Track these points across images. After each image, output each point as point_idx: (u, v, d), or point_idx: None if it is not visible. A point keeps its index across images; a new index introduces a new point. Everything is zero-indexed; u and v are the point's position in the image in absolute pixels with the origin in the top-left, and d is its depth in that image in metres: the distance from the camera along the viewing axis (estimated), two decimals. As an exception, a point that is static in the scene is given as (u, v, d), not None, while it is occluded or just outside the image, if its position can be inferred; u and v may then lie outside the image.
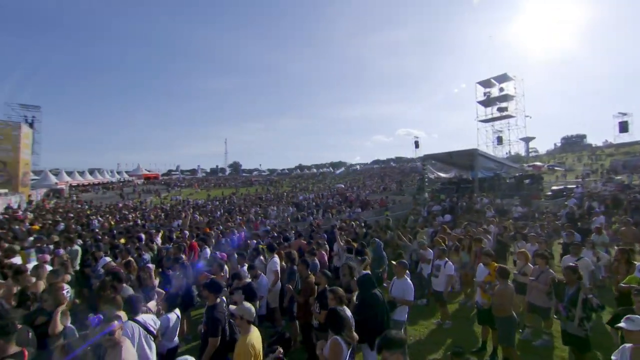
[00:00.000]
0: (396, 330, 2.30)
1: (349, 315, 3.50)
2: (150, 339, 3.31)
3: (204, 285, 3.69)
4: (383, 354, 2.20)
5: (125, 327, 3.15)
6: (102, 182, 48.54)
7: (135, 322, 3.28)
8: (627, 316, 2.74)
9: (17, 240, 8.20)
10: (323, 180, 55.45)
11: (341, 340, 3.07)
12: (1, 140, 26.64)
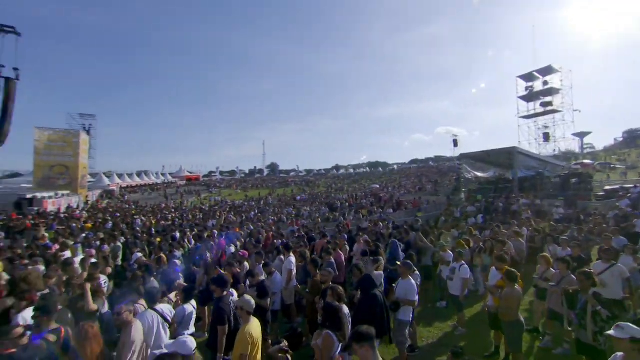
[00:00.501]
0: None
1: (346, 312, 3.72)
2: (166, 325, 3.78)
3: (212, 280, 4.10)
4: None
5: (145, 314, 3.65)
6: (148, 183, 52.24)
7: (153, 311, 3.77)
8: (617, 324, 2.68)
9: (72, 236, 9.37)
10: (359, 180, 55.33)
11: (333, 334, 3.31)
12: (64, 146, 29.87)
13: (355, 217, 17.55)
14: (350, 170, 79.67)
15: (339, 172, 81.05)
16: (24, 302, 3.68)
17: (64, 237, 8.57)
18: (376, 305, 3.86)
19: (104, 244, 8.20)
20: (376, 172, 69.63)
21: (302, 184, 56.15)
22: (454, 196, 19.59)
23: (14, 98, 19.93)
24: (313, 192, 41.01)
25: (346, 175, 68.44)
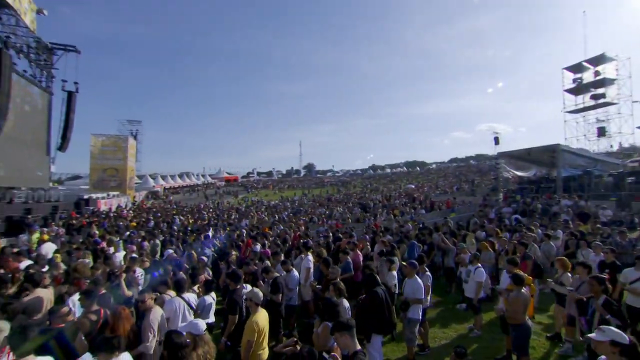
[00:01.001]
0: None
1: (346, 306, 4.03)
2: (190, 311, 4.33)
3: (226, 275, 4.60)
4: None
5: (173, 300, 4.23)
6: (189, 184, 55.33)
7: (181, 298, 4.35)
8: (599, 327, 2.73)
9: (117, 233, 10.53)
10: (395, 180, 54.62)
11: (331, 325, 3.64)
12: (115, 151, 32.88)
13: (387, 218, 17.56)
14: (387, 170, 78.72)
15: (375, 172, 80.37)
16: (74, 288, 4.42)
17: (110, 235, 9.69)
18: (376, 303, 4.11)
19: (144, 241, 9.16)
20: (413, 171, 68.27)
21: (337, 184, 56.53)
22: (491, 196, 18.86)
23: (74, 109, 22.47)
24: (348, 193, 41.19)
25: (382, 175, 67.88)
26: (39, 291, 4.22)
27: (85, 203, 21.80)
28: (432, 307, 7.29)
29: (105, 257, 6.00)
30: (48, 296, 4.26)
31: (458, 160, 78.03)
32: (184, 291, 4.48)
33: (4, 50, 15.30)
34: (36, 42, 19.21)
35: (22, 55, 18.27)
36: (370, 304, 4.15)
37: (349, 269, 6.36)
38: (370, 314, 4.09)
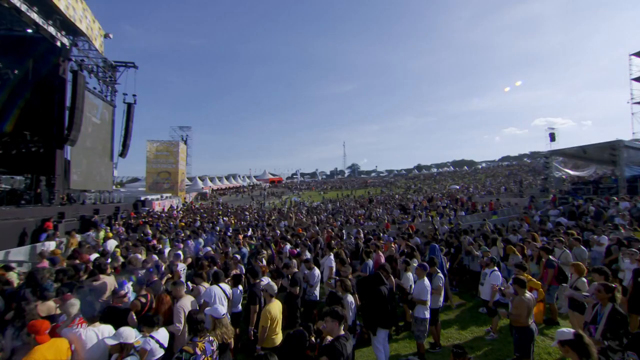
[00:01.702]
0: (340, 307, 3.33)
1: (350, 301, 4.58)
2: (225, 299, 5.15)
3: (247, 270, 5.37)
4: (326, 319, 3.31)
5: (211, 288, 5.04)
6: (235, 186, 58.45)
7: (218, 287, 5.18)
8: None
9: (167, 233, 11.97)
10: (441, 180, 53.03)
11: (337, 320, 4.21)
12: (168, 155, 36.15)
13: (425, 220, 17.56)
14: (433, 169, 76.52)
15: (420, 172, 78.54)
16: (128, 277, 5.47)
17: (161, 234, 11.11)
18: (377, 300, 4.60)
19: (189, 239, 10.38)
20: (460, 171, 65.57)
21: (380, 185, 56.26)
22: (540, 198, 17.90)
23: (133, 118, 25.33)
24: (390, 194, 40.99)
25: (427, 176, 66.23)
26: (104, 278, 5.32)
27: (142, 204, 24.41)
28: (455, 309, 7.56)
29: (158, 253, 7.15)
30: (111, 282, 5.35)
31: (510, 158, 73.60)
32: (220, 282, 5.32)
33: (79, 72, 17.91)
34: (103, 61, 22.04)
35: (93, 74, 21.06)
36: (374, 301, 4.65)
37: (365, 270, 6.85)
38: (373, 310, 4.60)
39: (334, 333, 3.19)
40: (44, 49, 17.46)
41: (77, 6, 17.40)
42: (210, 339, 3.43)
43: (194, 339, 3.33)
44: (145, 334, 3.46)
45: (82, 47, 20.13)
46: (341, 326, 3.24)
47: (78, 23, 17.62)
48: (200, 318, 3.35)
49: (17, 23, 15.80)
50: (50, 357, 2.93)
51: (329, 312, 3.32)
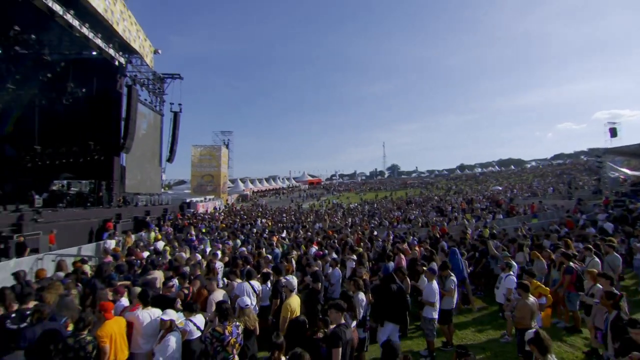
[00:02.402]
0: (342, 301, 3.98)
1: (360, 298, 5.18)
2: (254, 294, 5.98)
3: (272, 268, 6.17)
4: (330, 310, 3.97)
5: (242, 284, 5.89)
6: (275, 188, 60.46)
7: (248, 283, 6.03)
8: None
9: (208, 234, 13.26)
10: (484, 181, 51.02)
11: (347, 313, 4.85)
12: (211, 159, 38.65)
13: (461, 223, 17.45)
14: (477, 169, 73.40)
15: (462, 172, 75.73)
16: (174, 272, 6.52)
17: (203, 234, 12.39)
18: (387, 297, 5.17)
19: (229, 240, 11.51)
20: (505, 171, 62.25)
21: (420, 186, 55.35)
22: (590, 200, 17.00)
23: (179, 126, 27.59)
24: (429, 195, 40.36)
25: (470, 176, 63.81)
26: (155, 272, 6.40)
27: (187, 206, 26.50)
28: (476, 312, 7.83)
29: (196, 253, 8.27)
30: (161, 276, 6.42)
31: (564, 156, 68.25)
32: (251, 279, 6.17)
33: (133, 87, 20.13)
34: (153, 75, 24.36)
35: (144, 87, 23.39)
36: (385, 299, 5.23)
37: (385, 271, 7.37)
38: (381, 305, 5.19)
39: (337, 322, 3.85)
40: (105, 68, 19.83)
41: (132, 28, 19.56)
42: (237, 324, 4.24)
43: (223, 322, 4.16)
44: (187, 317, 4.35)
45: (135, 63, 22.47)
46: (342, 316, 3.89)
47: (132, 43, 19.79)
48: (226, 307, 4.17)
49: (85, 48, 18.15)
50: (116, 330, 3.91)
51: (333, 305, 4.00)
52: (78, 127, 19.88)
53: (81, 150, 20.20)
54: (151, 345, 4.27)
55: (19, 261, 9.07)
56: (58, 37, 17.53)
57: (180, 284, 5.77)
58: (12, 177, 18.77)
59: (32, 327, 3.80)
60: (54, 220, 14.10)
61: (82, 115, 19.72)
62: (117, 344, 3.87)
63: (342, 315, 3.90)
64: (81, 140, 19.90)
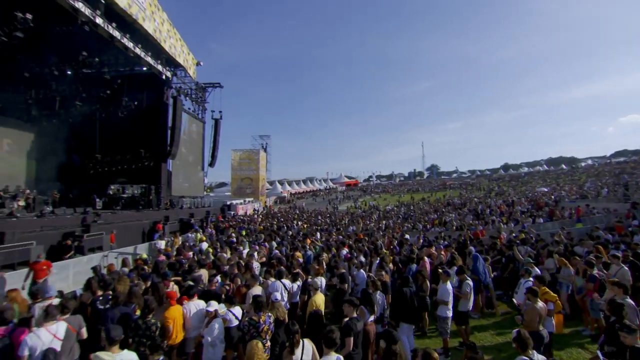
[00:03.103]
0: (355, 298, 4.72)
1: (378, 298, 5.88)
2: (284, 291, 6.88)
3: (302, 269, 7.02)
4: (344, 305, 4.72)
5: (275, 282, 6.81)
6: (312, 190, 61.73)
7: (280, 282, 6.94)
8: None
9: (247, 236, 14.46)
10: (529, 182, 48.64)
11: (365, 309, 5.58)
12: (250, 163, 40.64)
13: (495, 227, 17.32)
14: (523, 169, 69.56)
15: (506, 172, 72.14)
16: (217, 270, 7.60)
17: (242, 237, 13.60)
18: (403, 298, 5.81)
19: (265, 242, 12.58)
20: (555, 171, 58.37)
21: (460, 187, 53.95)
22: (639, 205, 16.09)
23: (220, 132, 29.51)
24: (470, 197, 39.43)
25: (514, 176, 60.73)
26: (201, 270, 7.51)
27: (227, 208, 28.31)
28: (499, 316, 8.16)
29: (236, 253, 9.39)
30: (205, 274, 7.52)
31: (627, 152, 62.23)
32: (283, 278, 7.08)
33: (178, 98, 22.09)
34: (195, 85, 26.38)
35: (187, 97, 25.45)
36: (400, 299, 5.88)
37: (408, 274, 7.95)
38: (397, 305, 5.85)
39: (350, 315, 4.61)
40: (154, 82, 22.00)
41: (177, 44, 21.51)
42: (269, 315, 5.12)
43: (258, 313, 5.06)
44: (227, 308, 5.32)
45: (180, 74, 24.58)
46: (354, 310, 4.64)
47: (178, 58, 21.75)
48: (261, 300, 5.07)
49: (137, 65, 20.33)
50: (177, 315, 4.97)
51: (347, 300, 4.76)
52: (131, 137, 22.21)
53: (133, 157, 22.51)
54: (197, 332, 5.29)
55: (91, 257, 10.75)
56: (115, 57, 19.89)
57: (222, 280, 6.79)
58: (78, 183, 21.37)
59: (112, 309, 4.95)
60: (113, 221, 16.06)
61: (134, 125, 22.02)
62: (177, 326, 4.93)
63: (354, 310, 4.64)
64: (133, 148, 22.21)
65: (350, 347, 4.28)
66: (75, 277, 9.76)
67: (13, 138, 19.65)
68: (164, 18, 20.06)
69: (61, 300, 4.88)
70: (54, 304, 4.54)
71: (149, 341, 4.52)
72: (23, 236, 10.80)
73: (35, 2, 13.19)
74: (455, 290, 6.46)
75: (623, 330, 4.02)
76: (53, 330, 3.87)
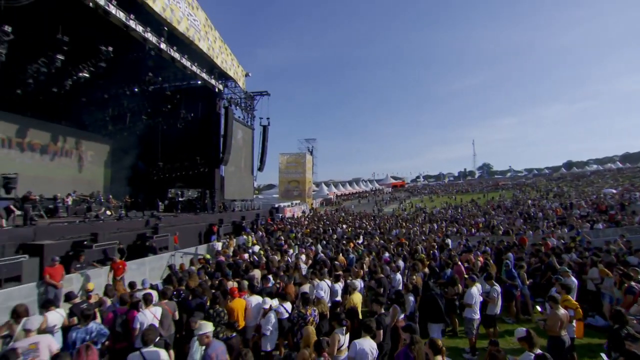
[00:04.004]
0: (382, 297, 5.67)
1: (410, 299, 6.75)
2: (327, 290, 7.98)
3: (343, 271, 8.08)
4: (373, 304, 5.69)
5: (320, 283, 7.96)
6: (358, 191, 62.40)
7: (324, 282, 8.07)
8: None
9: (295, 239, 15.82)
10: (596, 181, 45.11)
11: (398, 307, 6.50)
12: (296, 166, 42.54)
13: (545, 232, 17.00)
14: (591, 166, 63.74)
15: (569, 170, 66.52)
16: (269, 271, 8.91)
17: (290, 239, 14.97)
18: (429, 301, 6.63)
19: (312, 245, 13.81)
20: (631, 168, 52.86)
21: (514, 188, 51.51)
22: None
23: (268, 138, 31.48)
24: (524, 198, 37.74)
25: (578, 175, 56.08)
26: (255, 271, 8.86)
27: (275, 211, 30.14)
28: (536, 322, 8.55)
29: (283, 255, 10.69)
30: (259, 274, 8.85)
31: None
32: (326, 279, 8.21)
33: (229, 108, 24.23)
34: (244, 94, 28.51)
35: (237, 106, 27.63)
36: (427, 302, 6.72)
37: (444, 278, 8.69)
38: (424, 307, 6.70)
39: (378, 312, 5.59)
40: (207, 94, 24.37)
41: (227, 59, 23.63)
42: (314, 309, 6.25)
43: (306, 307, 6.20)
44: (280, 303, 6.53)
45: (230, 85, 26.76)
46: (382, 307, 5.61)
47: (228, 71, 23.88)
48: (308, 296, 6.21)
49: (192, 79, 22.74)
50: (239, 307, 6.27)
51: (375, 300, 5.74)
52: (188, 145, 24.79)
53: (190, 164, 25.06)
54: (255, 321, 6.55)
55: (161, 256, 12.68)
56: (174, 73, 22.43)
57: (274, 280, 8.06)
58: (143, 188, 24.31)
59: (190, 300, 6.38)
60: (176, 224, 18.25)
61: (190, 134, 24.54)
62: (240, 316, 6.23)
63: (381, 308, 5.61)
64: (190, 155, 24.75)
65: (380, 337, 5.25)
66: (150, 272, 11.69)
67: (94, 150, 23.11)
68: (216, 36, 22.20)
69: (162, 289, 6.43)
70: (151, 292, 6.04)
71: (222, 322, 5.84)
72: (109, 236, 12.99)
73: (114, 36, 15.61)
74: (483, 295, 7.14)
75: (628, 339, 4.56)
76: (154, 311, 5.32)
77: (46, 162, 20.30)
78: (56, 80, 16.69)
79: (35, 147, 19.65)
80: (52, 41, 14.06)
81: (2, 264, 8.88)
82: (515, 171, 78.73)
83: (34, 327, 4.45)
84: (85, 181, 22.42)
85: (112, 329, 5.30)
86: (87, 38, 15.48)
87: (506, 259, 9.90)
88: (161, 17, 16.77)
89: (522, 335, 4.58)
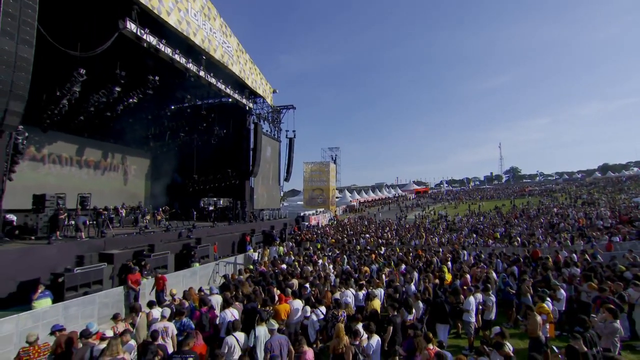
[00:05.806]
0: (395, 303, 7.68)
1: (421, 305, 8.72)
2: (352, 297, 10.04)
3: (366, 281, 10.14)
4: (388, 307, 7.71)
5: (345, 291, 10.04)
6: (381, 198, 63.87)
7: (350, 290, 10.13)
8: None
9: (322, 249, 17.96)
10: (631, 187, 44.60)
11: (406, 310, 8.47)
12: (320, 174, 44.82)
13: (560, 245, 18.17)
14: (631, 169, 61.33)
15: (604, 174, 64.65)
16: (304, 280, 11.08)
17: (318, 250, 17.14)
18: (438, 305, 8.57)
19: (338, 256, 15.90)
20: None
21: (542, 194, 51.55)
22: None
23: (294, 149, 33.88)
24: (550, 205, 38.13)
25: (613, 180, 54.84)
26: (293, 280, 11.04)
27: (301, 219, 32.43)
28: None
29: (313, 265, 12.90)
30: (296, 283, 11.01)
31: None
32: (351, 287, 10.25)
33: (258, 123, 26.78)
34: (272, 108, 31.03)
35: (265, 120, 30.18)
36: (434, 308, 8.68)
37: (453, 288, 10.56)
38: (432, 311, 8.66)
39: (391, 314, 7.61)
40: (238, 112, 27.01)
41: (257, 78, 26.18)
42: (344, 312, 8.33)
43: (337, 309, 8.28)
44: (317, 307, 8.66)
45: (259, 102, 29.32)
46: (395, 311, 7.63)
47: (257, 90, 26.44)
48: (339, 301, 8.31)
49: (224, 98, 25.43)
50: (284, 309, 8.45)
51: (390, 304, 7.77)
52: (220, 159, 27.51)
53: (222, 176, 27.76)
54: (298, 320, 8.68)
55: (205, 266, 15.11)
56: (207, 95, 25.19)
57: (310, 288, 10.20)
58: (180, 199, 27.18)
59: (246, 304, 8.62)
60: (214, 234, 20.76)
61: (222, 149, 27.27)
62: (284, 316, 8.39)
63: (394, 310, 7.64)
64: (222, 168, 27.45)
65: (389, 332, 7.29)
66: (201, 279, 14.11)
67: (137, 164, 26.23)
68: (247, 58, 24.78)
69: (235, 293, 8.73)
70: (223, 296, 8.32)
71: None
72: (162, 246, 15.52)
73: (160, 67, 18.34)
74: (481, 304, 9.01)
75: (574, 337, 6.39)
76: (232, 311, 7.57)
77: (98, 177, 23.44)
78: (110, 106, 19.61)
79: (90, 164, 22.81)
80: (111, 75, 16.90)
81: (91, 270, 11.47)
82: (545, 175, 77.63)
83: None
84: (129, 193, 25.52)
85: (198, 324, 7.60)
86: (138, 70, 18.26)
87: (506, 272, 11.64)
88: (201, 47, 19.42)
89: (497, 332, 6.48)
